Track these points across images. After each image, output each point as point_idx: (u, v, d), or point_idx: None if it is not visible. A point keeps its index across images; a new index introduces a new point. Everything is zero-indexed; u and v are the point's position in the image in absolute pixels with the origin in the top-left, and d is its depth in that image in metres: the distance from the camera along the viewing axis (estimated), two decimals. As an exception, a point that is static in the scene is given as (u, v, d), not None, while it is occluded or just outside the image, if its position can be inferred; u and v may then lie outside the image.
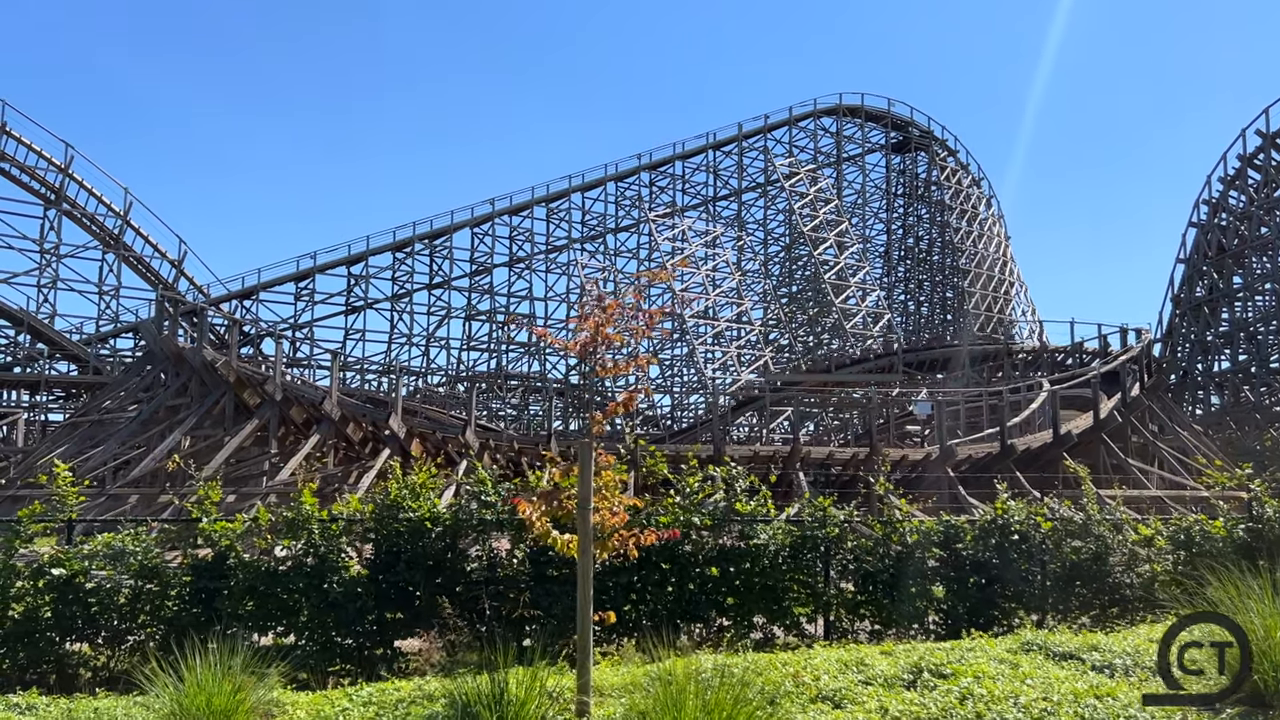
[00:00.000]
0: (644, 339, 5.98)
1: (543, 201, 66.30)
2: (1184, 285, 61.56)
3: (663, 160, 69.11)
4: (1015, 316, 77.40)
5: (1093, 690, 5.40)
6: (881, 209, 78.78)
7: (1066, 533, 11.96)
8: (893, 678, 5.72)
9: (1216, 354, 59.78)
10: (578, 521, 5.29)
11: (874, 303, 66.73)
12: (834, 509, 11.56)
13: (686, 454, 11.48)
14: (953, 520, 12.01)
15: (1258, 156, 57.92)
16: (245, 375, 30.38)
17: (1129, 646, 6.64)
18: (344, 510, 10.31)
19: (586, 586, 5.24)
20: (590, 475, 5.24)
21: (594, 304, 6.14)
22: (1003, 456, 31.89)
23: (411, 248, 62.42)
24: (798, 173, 69.04)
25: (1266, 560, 12.71)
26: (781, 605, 10.96)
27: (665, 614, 10.67)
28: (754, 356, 62.65)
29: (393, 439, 27.71)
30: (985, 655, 6.33)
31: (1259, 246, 57.13)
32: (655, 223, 65.91)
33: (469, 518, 10.24)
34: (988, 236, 76.20)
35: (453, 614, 10.19)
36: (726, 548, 10.99)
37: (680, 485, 11.02)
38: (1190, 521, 12.94)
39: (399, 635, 10.34)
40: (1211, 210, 60.01)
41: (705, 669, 4.98)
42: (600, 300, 6.19)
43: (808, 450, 33.20)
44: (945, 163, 77.65)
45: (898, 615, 11.25)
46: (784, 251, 74.72)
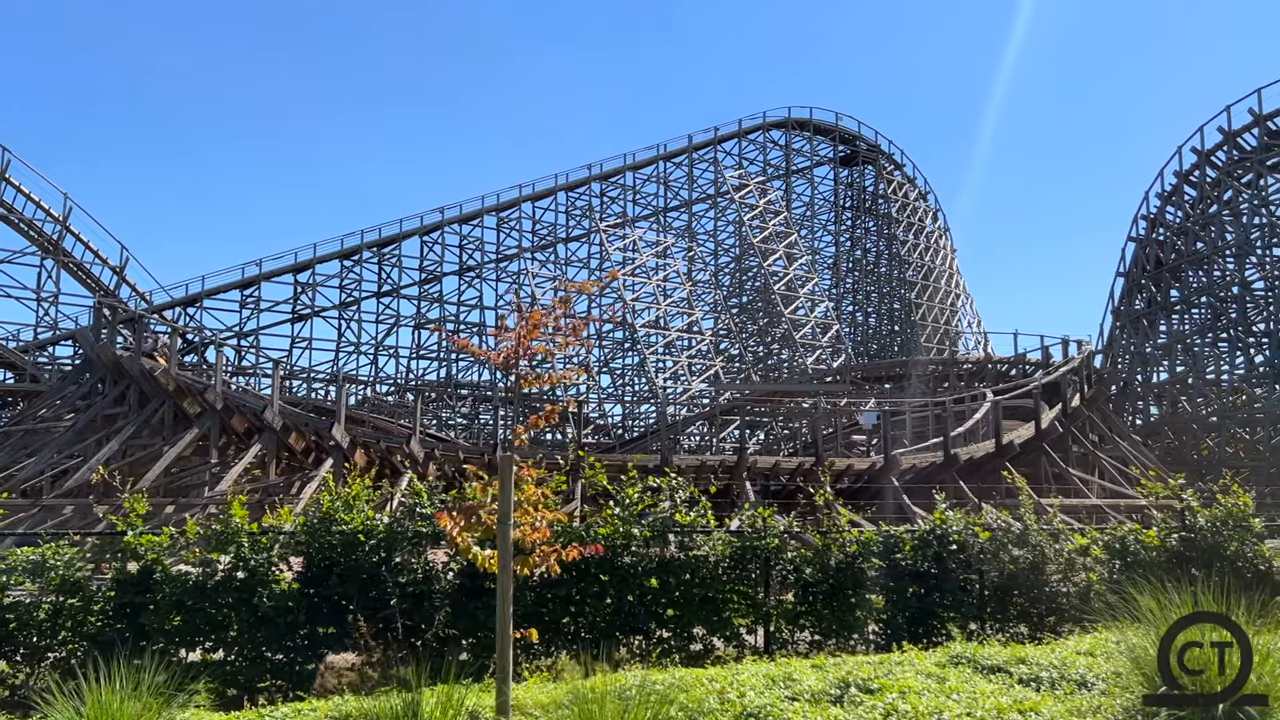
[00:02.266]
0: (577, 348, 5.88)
1: (493, 210, 65.98)
2: (1124, 298, 62.87)
3: (613, 171, 69.17)
4: (961, 328, 78.60)
5: (1016, 705, 5.39)
6: (830, 221, 79.65)
7: (1004, 542, 12.05)
8: (820, 693, 5.66)
9: (1155, 365, 61.09)
10: (497, 537, 5.17)
11: (823, 314, 67.27)
12: (774, 519, 11.55)
13: (627, 464, 11.38)
14: (892, 530, 12.06)
15: (1193, 173, 59.40)
16: (185, 384, 29.76)
17: (1056, 659, 6.67)
18: (275, 523, 10.08)
19: (506, 603, 5.12)
20: (510, 490, 5.13)
21: (516, 315, 6.03)
22: (946, 466, 32.25)
23: (360, 255, 61.70)
24: (747, 185, 69.50)
25: (1199, 569, 12.95)
26: (722, 616, 10.91)
27: (604, 626, 10.58)
28: (705, 366, 62.85)
29: (336, 449, 27.29)
30: (913, 669, 6.31)
31: (1195, 261, 58.53)
32: (606, 233, 65.90)
33: (404, 531, 10.06)
34: (934, 249, 77.27)
35: (387, 629, 10.00)
36: (667, 559, 10.91)
37: (620, 496, 10.93)
38: (1125, 531, 13.10)
39: (332, 650, 10.13)
40: (1150, 225, 61.40)
41: (630, 686, 4.89)
42: (521, 311, 6.09)
43: (754, 460, 33.29)
44: (892, 176, 78.67)
45: (837, 625, 11.25)
46: (734, 262, 75.12)
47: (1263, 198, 56.07)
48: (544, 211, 68.51)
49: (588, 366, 56.85)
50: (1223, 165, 58.12)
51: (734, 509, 11.74)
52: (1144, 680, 5.07)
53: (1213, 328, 57.95)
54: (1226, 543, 13.04)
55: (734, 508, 11.75)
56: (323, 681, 9.71)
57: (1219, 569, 12.69)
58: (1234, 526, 13.17)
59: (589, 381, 67.57)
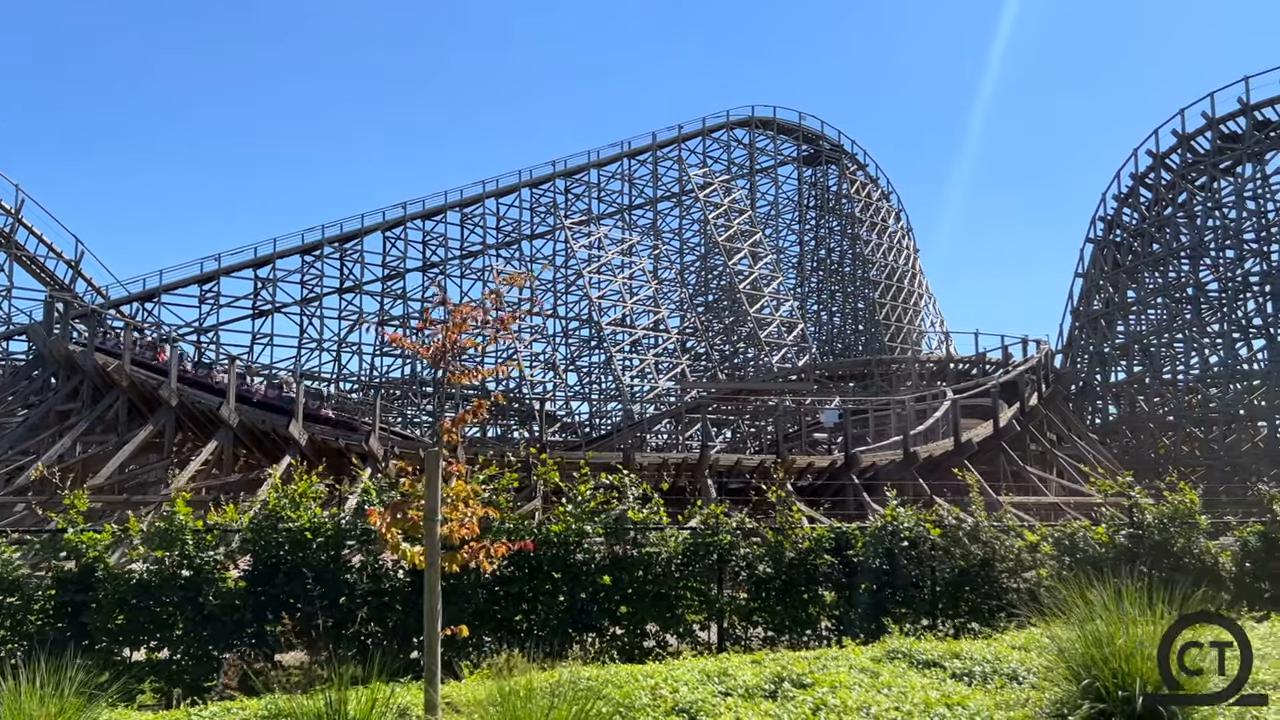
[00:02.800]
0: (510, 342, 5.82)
1: (456, 206, 65.59)
2: (1082, 299, 63.67)
3: (578, 168, 69.00)
4: (924, 328, 79.28)
5: (944, 699, 5.45)
6: (794, 220, 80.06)
7: (955, 539, 12.16)
8: (754, 688, 5.69)
9: (1113, 365, 61.94)
10: (424, 533, 5.14)
11: (788, 313, 67.63)
12: (727, 516, 11.58)
13: (580, 461, 11.37)
14: (844, 527, 12.12)
15: (1148, 176, 60.27)
16: (139, 380, 29.33)
17: (990, 654, 6.74)
18: (222, 520, 9.95)
19: (434, 599, 5.08)
20: (437, 485, 5.09)
21: (443, 309, 5.98)
22: (906, 464, 32.53)
23: (321, 251, 61.11)
24: (712, 183, 69.68)
25: (1147, 565, 13.15)
26: (675, 613, 10.93)
27: (557, 624, 10.56)
28: (671, 364, 62.95)
29: (293, 446, 27.02)
30: (848, 664, 6.36)
31: (1151, 262, 59.42)
32: (571, 230, 65.79)
33: (353, 528, 9.98)
34: (897, 249, 77.86)
35: (338, 626, 9.92)
36: (620, 556, 10.92)
37: (572, 493, 10.91)
38: (1075, 528, 13.27)
39: (280, 648, 10.03)
40: (1107, 227, 62.21)
41: (564, 683, 4.88)
42: (447, 305, 6.04)
43: (716, 458, 33.40)
44: (855, 176, 79.15)
45: (790, 622, 11.31)
46: (699, 261, 75.30)
47: (1216, 200, 57.03)
48: (508, 208, 68.30)
49: (518, 362, 56.61)
50: (1177, 168, 59.03)
51: (700, 507, 11.76)
52: (1069, 674, 5.14)
53: (1169, 328, 58.84)
54: (1173, 539, 13.25)
55: (701, 506, 11.76)
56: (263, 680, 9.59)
57: (1166, 565, 12.93)
58: (1180, 523, 13.38)
59: (556, 379, 67.49)
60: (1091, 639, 5.10)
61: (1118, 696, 4.81)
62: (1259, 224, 53.83)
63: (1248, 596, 13.38)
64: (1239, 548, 13.95)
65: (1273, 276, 52.40)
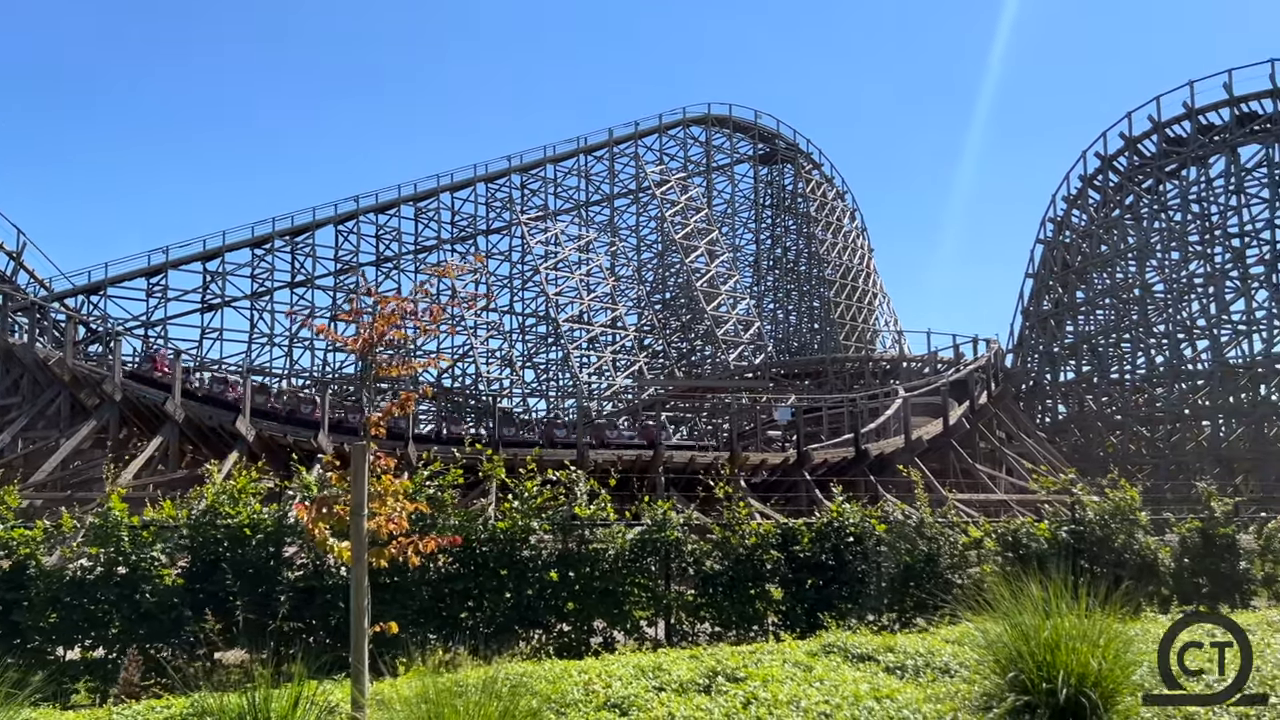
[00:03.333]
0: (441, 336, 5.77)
1: (410, 200, 64.96)
2: (1032, 299, 64.69)
3: (534, 163, 68.64)
4: (878, 326, 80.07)
5: (874, 693, 5.51)
6: (750, 219, 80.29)
7: (902, 534, 12.29)
8: (689, 683, 5.71)
9: (1062, 364, 63.01)
10: (351, 528, 5.07)
11: (744, 311, 67.91)
12: (676, 513, 11.59)
13: (526, 457, 11.31)
14: (790, 523, 12.19)
15: (1097, 178, 61.40)
16: (82, 374, 28.73)
17: (924, 647, 6.82)
18: (158, 517, 9.77)
19: (359, 596, 5.02)
20: (364, 480, 5.03)
21: (366, 302, 5.92)
22: (858, 461, 32.83)
23: (272, 244, 60.23)
24: (669, 180, 69.72)
25: (1088, 560, 13.40)
26: (622, 609, 10.92)
27: (503, 621, 10.51)
28: (629, 362, 62.89)
29: (240, 442, 26.63)
30: (783, 658, 6.40)
31: (1099, 263, 60.53)
32: (527, 225, 65.48)
33: (294, 525, 9.84)
34: (852, 249, 78.49)
35: (275, 623, 9.77)
36: (567, 552, 10.89)
37: (518, 490, 10.86)
38: (1018, 524, 13.48)
39: (219, 646, 9.87)
40: (1057, 228, 63.26)
41: (496, 679, 4.85)
42: (373, 296, 5.98)
43: (670, 455, 33.43)
44: (811, 175, 79.65)
45: (737, 617, 11.35)
46: (657, 258, 75.35)
47: (1162, 203, 58.24)
48: (463, 203, 67.77)
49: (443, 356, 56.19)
50: (1124, 170, 60.22)
51: (649, 504, 11.74)
52: (997, 667, 5.22)
53: (1116, 329, 59.98)
54: (1114, 535, 13.51)
55: (649, 502, 11.74)
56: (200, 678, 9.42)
57: (1108, 560, 13.18)
58: (1121, 520, 13.65)
59: (513, 376, 67.17)
60: (1019, 632, 5.18)
61: (1042, 688, 4.89)
62: (1202, 226, 55.06)
63: (1186, 591, 13.68)
64: (1178, 544, 14.27)
65: (1216, 278, 53.63)
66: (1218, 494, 14.82)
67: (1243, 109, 53.94)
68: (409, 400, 6.00)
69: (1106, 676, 4.98)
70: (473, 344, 62.99)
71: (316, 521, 5.32)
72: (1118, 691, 5.05)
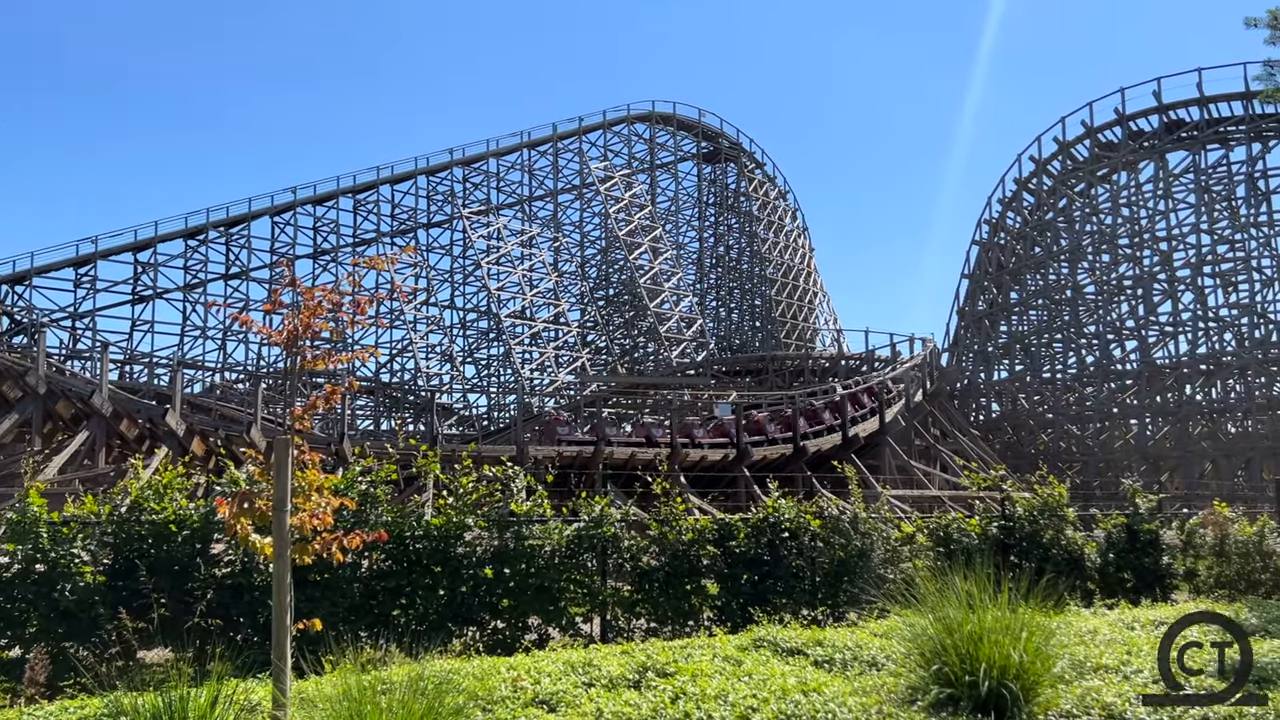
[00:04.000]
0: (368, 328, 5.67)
1: (349, 192, 64.05)
2: (968, 299, 65.88)
3: (476, 156, 68.08)
4: (818, 325, 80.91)
5: (802, 686, 5.56)
6: (694, 217, 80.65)
7: (836, 529, 12.40)
8: (618, 678, 5.69)
9: (996, 364, 64.28)
10: (273, 523, 4.97)
11: (687, 308, 68.17)
12: (614, 508, 11.57)
13: (460, 453, 11.21)
14: (727, 518, 12.23)
15: (1031, 181, 62.73)
16: (4, 366, 27.84)
17: (852, 641, 6.89)
18: (80, 512, 9.49)
19: (282, 592, 4.92)
20: (287, 474, 4.93)
21: (292, 290, 5.79)
22: (796, 457, 33.14)
23: (206, 235, 58.99)
24: (612, 177, 69.68)
25: (1017, 555, 13.67)
26: (558, 606, 10.86)
27: (436, 618, 10.40)
28: (571, 358, 62.73)
29: (170, 437, 26.03)
30: (713, 653, 6.42)
31: (1033, 265, 61.85)
32: (469, 220, 64.95)
33: (222, 521, 9.61)
34: (793, 248, 79.24)
35: (200, 622, 9.54)
36: (503, 549, 10.81)
37: (453, 486, 10.75)
38: (949, 519, 13.69)
39: (143, 645, 9.62)
40: (992, 230, 64.49)
41: (422, 676, 4.79)
42: (297, 286, 5.86)
43: (610, 451, 33.42)
44: (753, 174, 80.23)
45: (673, 612, 11.37)
46: (600, 255, 75.27)
47: (1093, 206, 59.68)
48: (404, 195, 67.02)
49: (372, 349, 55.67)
50: (1058, 174, 61.62)
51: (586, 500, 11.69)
52: (923, 660, 5.29)
53: (1048, 329, 61.35)
54: (1043, 531, 13.79)
55: (587, 498, 11.69)
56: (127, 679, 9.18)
57: (1036, 555, 13.45)
58: (1050, 515, 13.93)
59: (453, 371, 66.59)
60: (944, 625, 5.24)
61: (965, 681, 4.95)
62: (1132, 229, 56.53)
63: (1110, 585, 14.00)
64: (1104, 539, 14.60)
65: (1144, 280, 55.11)
66: (1143, 491, 15.18)
67: (1171, 116, 55.46)
68: (334, 394, 5.89)
69: (1028, 669, 5.08)
70: (412, 339, 62.33)
71: (238, 517, 5.20)
72: (1039, 684, 5.15)
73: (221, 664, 5.34)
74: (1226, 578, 14.52)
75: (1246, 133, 52.28)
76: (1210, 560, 14.80)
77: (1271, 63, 14.55)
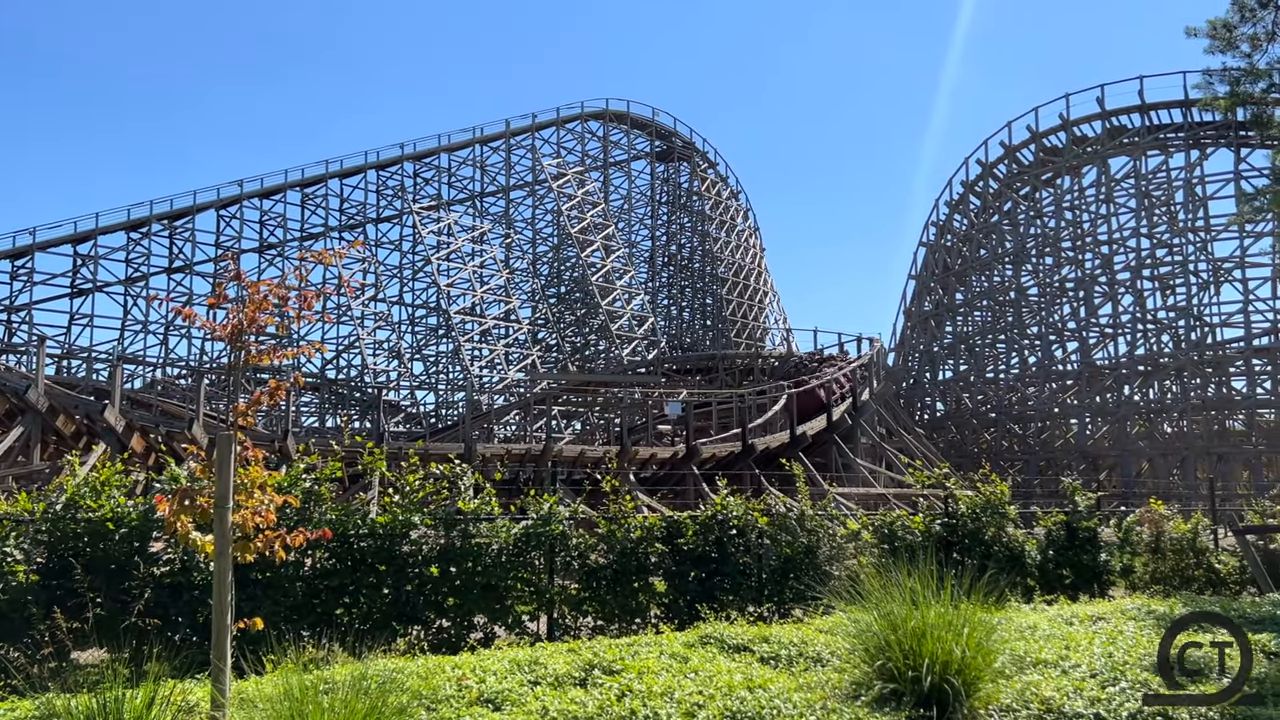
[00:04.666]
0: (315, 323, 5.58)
1: (297, 186, 63.11)
2: (914, 300, 66.81)
3: (427, 151, 67.45)
4: (768, 324, 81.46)
5: (748, 682, 5.59)
6: (646, 215, 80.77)
7: (783, 527, 12.48)
8: (564, 676, 5.68)
9: (941, 363, 65.26)
10: (214, 521, 4.88)
11: (639, 306, 68.18)
12: (563, 506, 11.53)
13: (407, 450, 11.10)
14: (676, 516, 12.25)
15: (978, 184, 63.78)
16: (-67, 361, 26.98)
17: (798, 637, 6.95)
18: (13, 510, 9.24)
19: (223, 590, 4.83)
20: (229, 471, 4.84)
21: (236, 284, 5.69)
22: (745, 455, 33.32)
23: (148, 228, 57.75)
24: (565, 174, 69.46)
25: (960, 552, 13.87)
26: (504, 604, 10.81)
27: (380, 617, 10.29)
28: (522, 355, 62.42)
29: (109, 433, 25.44)
30: (659, 650, 6.43)
31: (978, 266, 62.88)
32: (420, 215, 64.33)
33: (160, 518, 9.42)
34: (745, 247, 79.70)
35: (138, 622, 9.34)
36: (449, 547, 10.72)
37: (399, 483, 10.64)
38: (894, 517, 13.84)
39: (77, 646, 9.40)
40: (939, 232, 65.47)
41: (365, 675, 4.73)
42: (242, 280, 5.76)
43: (560, 449, 33.34)
44: (706, 174, 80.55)
45: (620, 610, 11.36)
46: (552, 252, 75.03)
47: (1038, 210, 60.84)
48: (353, 190, 66.19)
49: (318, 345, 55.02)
50: (1004, 178, 62.69)
51: (535, 498, 11.63)
52: (867, 656, 5.35)
53: (992, 330, 62.43)
54: (985, 528, 13.99)
55: (534, 496, 11.63)
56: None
57: (979, 552, 13.65)
58: (992, 513, 14.14)
59: (401, 368, 65.94)
60: (888, 622, 5.30)
61: (908, 676, 5.02)
62: (1075, 233, 57.69)
63: (1050, 581, 14.26)
64: (1044, 536, 14.86)
65: (1085, 283, 56.28)
66: (1082, 489, 15.47)
67: (1113, 123, 56.66)
68: (279, 390, 5.79)
69: (970, 664, 5.16)
70: (359, 334, 61.62)
71: (178, 514, 5.09)
72: (980, 678, 5.23)
73: (158, 664, 5.23)
74: (1162, 574, 14.87)
75: (1185, 140, 53.57)
76: (1146, 557, 15.13)
77: (1210, 72, 14.94)
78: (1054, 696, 5.58)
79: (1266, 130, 14.92)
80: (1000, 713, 5.26)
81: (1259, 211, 20.47)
